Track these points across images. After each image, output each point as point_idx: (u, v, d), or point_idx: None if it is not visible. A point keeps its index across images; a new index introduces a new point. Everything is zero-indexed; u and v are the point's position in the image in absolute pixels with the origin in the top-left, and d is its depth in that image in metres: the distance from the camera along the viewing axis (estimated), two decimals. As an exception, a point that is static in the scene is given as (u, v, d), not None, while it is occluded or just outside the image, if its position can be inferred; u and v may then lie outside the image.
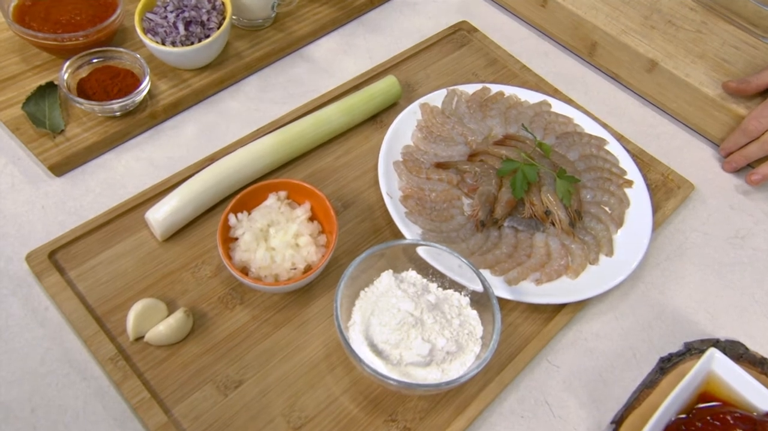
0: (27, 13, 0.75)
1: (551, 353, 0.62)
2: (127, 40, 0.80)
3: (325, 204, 0.62)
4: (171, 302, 0.60)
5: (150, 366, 0.56)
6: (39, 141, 0.69)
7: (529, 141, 0.74)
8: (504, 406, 0.59)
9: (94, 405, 0.55)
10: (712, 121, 0.81)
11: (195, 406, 0.55)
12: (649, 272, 0.70)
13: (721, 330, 0.66)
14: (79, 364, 0.57)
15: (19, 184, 0.68)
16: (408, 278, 0.60)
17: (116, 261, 0.62)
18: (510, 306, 0.64)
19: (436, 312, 0.56)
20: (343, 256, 0.65)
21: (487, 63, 0.87)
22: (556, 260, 0.66)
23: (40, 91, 0.72)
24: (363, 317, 0.57)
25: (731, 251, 0.73)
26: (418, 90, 0.82)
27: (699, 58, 0.82)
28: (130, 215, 0.66)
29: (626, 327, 0.65)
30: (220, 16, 0.78)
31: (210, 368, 0.57)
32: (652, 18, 0.87)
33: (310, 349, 0.59)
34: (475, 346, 0.56)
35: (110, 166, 0.71)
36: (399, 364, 0.54)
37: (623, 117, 0.85)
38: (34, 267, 0.61)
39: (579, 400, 0.60)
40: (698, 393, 0.56)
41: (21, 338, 0.58)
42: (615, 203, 0.71)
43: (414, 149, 0.74)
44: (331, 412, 0.56)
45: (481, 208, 0.67)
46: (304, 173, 0.72)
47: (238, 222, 0.61)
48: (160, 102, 0.75)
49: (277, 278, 0.59)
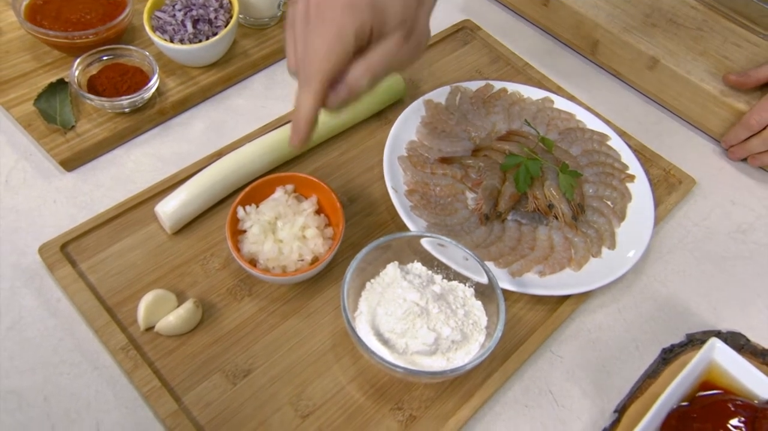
0: (38, 12, 0.77)
1: (555, 344, 0.63)
2: (136, 38, 0.82)
3: (332, 197, 0.63)
4: (181, 294, 0.61)
5: (160, 356, 0.57)
6: (50, 137, 0.71)
7: (532, 136, 0.75)
8: (508, 395, 0.60)
9: (106, 394, 0.56)
10: (713, 117, 0.82)
11: (204, 394, 0.56)
12: (652, 266, 0.70)
13: (723, 322, 0.67)
14: (91, 354, 0.58)
15: (31, 179, 0.70)
16: (413, 270, 0.61)
17: (126, 254, 0.63)
18: (514, 298, 0.65)
19: (441, 302, 0.56)
20: (349, 249, 0.66)
21: (490, 60, 0.88)
22: (559, 252, 0.67)
23: (51, 88, 0.73)
24: (369, 308, 0.58)
25: (733, 245, 0.73)
26: (422, 87, 0.83)
27: (700, 56, 0.83)
28: (140, 209, 0.67)
29: (629, 318, 0.66)
30: (227, 15, 0.79)
31: (219, 357, 0.58)
32: (653, 16, 0.88)
33: (318, 339, 0.60)
34: (479, 336, 0.57)
35: (120, 161, 0.72)
36: (405, 353, 0.55)
37: (625, 114, 0.86)
38: (46, 260, 0.62)
39: (582, 390, 0.61)
40: (700, 382, 0.57)
41: (34, 328, 0.59)
42: (617, 197, 0.72)
43: (418, 145, 0.75)
44: (338, 401, 0.57)
45: (485, 202, 0.68)
46: (310, 168, 0.73)
47: (247, 215, 0.62)
48: (169, 99, 0.76)
49: (284, 269, 0.60)
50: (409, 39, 0.50)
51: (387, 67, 0.49)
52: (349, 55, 0.47)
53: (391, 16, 0.47)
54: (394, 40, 0.48)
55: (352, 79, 0.48)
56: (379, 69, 0.49)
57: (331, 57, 0.46)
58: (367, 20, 0.46)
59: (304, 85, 0.48)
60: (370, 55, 0.48)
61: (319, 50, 0.46)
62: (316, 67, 0.46)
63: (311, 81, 0.47)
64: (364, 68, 0.48)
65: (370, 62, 0.48)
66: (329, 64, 0.46)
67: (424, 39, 0.52)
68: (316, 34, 0.46)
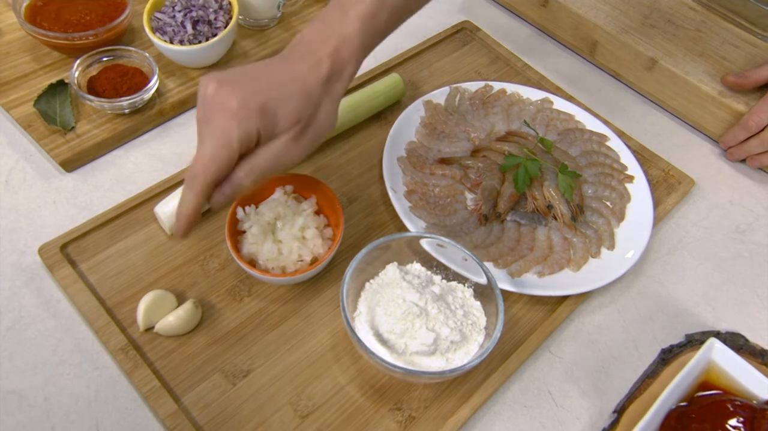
0: (39, 13, 0.77)
1: (554, 344, 0.63)
2: (136, 39, 0.82)
3: (331, 198, 0.64)
4: (180, 294, 0.61)
5: (160, 356, 0.58)
6: (50, 138, 0.71)
7: (531, 137, 0.75)
8: (507, 395, 0.60)
9: (106, 394, 0.56)
10: (711, 118, 0.82)
11: (204, 395, 0.56)
12: (651, 266, 0.71)
13: (722, 322, 0.67)
14: (91, 354, 0.58)
15: (31, 179, 0.70)
16: (413, 271, 0.61)
17: (126, 254, 0.64)
18: (513, 298, 0.65)
19: (441, 303, 0.57)
20: (348, 249, 0.67)
21: (489, 61, 0.88)
22: (558, 253, 0.67)
23: (51, 89, 0.73)
24: (368, 308, 0.58)
25: (731, 245, 0.74)
26: (421, 88, 0.83)
27: (699, 57, 0.84)
28: (140, 210, 0.67)
29: (628, 319, 0.66)
30: (226, 16, 0.79)
31: (219, 358, 0.58)
32: (652, 17, 0.88)
33: (317, 340, 0.60)
34: (478, 336, 0.57)
35: (120, 162, 0.72)
36: (404, 353, 0.55)
37: (624, 114, 0.86)
38: (46, 260, 0.62)
39: (581, 390, 0.61)
40: (699, 382, 0.57)
41: (34, 329, 0.59)
42: (616, 197, 0.72)
43: (418, 146, 0.75)
44: (337, 401, 0.57)
45: (484, 202, 0.68)
46: (309, 168, 0.73)
47: (246, 215, 0.62)
48: (169, 100, 0.76)
49: (284, 270, 0.60)
50: (303, 136, 0.51)
51: (273, 167, 0.51)
52: (233, 160, 0.49)
53: (281, 118, 0.49)
54: (282, 142, 0.50)
55: (236, 179, 0.50)
56: (264, 170, 0.50)
57: (214, 161, 0.48)
58: (253, 127, 0.48)
59: (188, 184, 0.50)
60: (255, 157, 0.50)
61: (205, 154, 0.48)
62: (200, 170, 0.49)
63: (196, 181, 0.49)
64: (247, 169, 0.50)
65: (254, 164, 0.50)
66: (212, 168, 0.48)
67: (327, 126, 0.53)
68: (205, 136, 0.49)
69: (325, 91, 0.52)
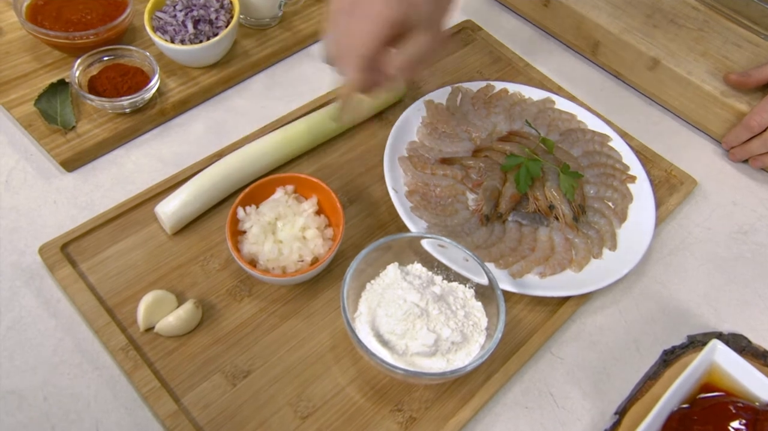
0: (39, 13, 0.77)
1: (555, 345, 0.63)
2: (137, 39, 0.82)
3: (332, 198, 0.63)
4: (180, 294, 0.61)
5: (160, 356, 0.57)
6: (51, 137, 0.71)
7: (533, 137, 0.75)
8: (508, 397, 0.59)
9: (106, 394, 0.56)
10: (714, 118, 0.82)
11: (204, 395, 0.56)
12: (653, 267, 0.70)
13: (724, 323, 0.67)
14: (91, 354, 0.58)
15: (32, 179, 0.70)
16: (413, 271, 0.60)
17: (127, 254, 0.63)
18: (514, 299, 0.64)
19: (442, 303, 0.56)
20: (349, 250, 0.66)
21: (491, 61, 0.88)
22: (559, 253, 0.67)
23: (51, 88, 0.73)
24: (369, 309, 0.58)
25: (734, 246, 0.73)
26: (423, 87, 0.83)
27: (701, 56, 0.83)
28: (140, 210, 0.67)
29: (630, 320, 0.66)
30: (228, 15, 0.79)
31: (219, 358, 0.58)
32: (654, 17, 0.88)
33: (317, 340, 0.60)
34: (479, 337, 0.57)
35: (120, 162, 0.72)
36: (405, 354, 0.55)
37: (626, 114, 0.85)
38: (46, 260, 0.62)
39: (583, 391, 0.60)
40: (701, 383, 0.57)
41: (34, 328, 0.59)
42: (618, 198, 0.72)
43: (419, 145, 0.75)
44: (337, 402, 0.57)
45: (485, 203, 0.68)
46: (310, 168, 0.73)
47: (247, 216, 0.62)
48: (169, 99, 0.76)
49: (284, 270, 0.60)
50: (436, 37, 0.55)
51: (420, 58, 0.55)
52: (384, 40, 0.53)
53: (422, 13, 0.53)
54: (424, 37, 0.54)
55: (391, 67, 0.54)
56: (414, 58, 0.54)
57: (370, 37, 0.52)
58: (402, 13, 0.52)
59: (347, 64, 0.54)
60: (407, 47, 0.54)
61: (360, 35, 0.52)
62: (359, 44, 0.53)
63: (353, 59, 0.53)
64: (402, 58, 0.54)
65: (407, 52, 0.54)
66: (369, 43, 0.52)
67: (445, 39, 0.57)
68: (357, 22, 0.53)
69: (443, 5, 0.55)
